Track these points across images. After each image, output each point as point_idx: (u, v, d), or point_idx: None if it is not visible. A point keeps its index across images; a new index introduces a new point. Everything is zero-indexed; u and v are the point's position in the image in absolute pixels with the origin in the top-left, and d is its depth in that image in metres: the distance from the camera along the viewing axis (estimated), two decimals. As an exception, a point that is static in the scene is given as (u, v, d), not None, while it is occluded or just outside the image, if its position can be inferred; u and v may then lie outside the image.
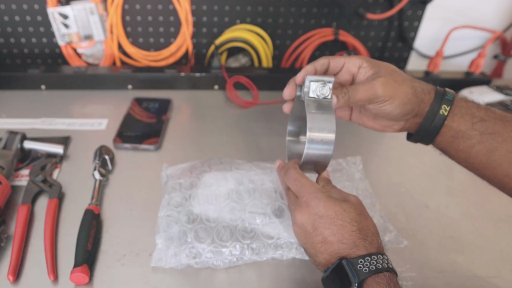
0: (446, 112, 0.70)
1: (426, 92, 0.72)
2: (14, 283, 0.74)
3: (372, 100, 0.70)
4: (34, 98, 1.31)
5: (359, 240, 0.61)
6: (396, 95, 0.69)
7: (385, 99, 0.69)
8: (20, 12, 1.38)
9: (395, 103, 0.69)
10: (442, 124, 0.70)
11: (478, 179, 0.77)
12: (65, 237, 0.83)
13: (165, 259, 0.77)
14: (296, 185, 0.69)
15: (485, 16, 1.49)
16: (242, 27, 1.46)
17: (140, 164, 1.05)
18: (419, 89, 0.71)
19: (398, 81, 0.70)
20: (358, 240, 0.61)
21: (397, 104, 0.69)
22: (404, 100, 0.69)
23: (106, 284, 0.75)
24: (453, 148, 0.72)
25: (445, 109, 0.70)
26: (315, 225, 0.64)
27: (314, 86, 0.70)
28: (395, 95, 0.69)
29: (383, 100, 0.69)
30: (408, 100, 0.69)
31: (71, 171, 1.02)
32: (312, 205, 0.65)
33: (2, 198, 0.87)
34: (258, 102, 1.31)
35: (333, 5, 1.43)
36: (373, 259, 0.59)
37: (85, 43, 1.43)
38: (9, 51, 1.46)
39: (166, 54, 1.48)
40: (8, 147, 0.99)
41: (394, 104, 0.69)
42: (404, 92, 0.69)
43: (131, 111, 1.24)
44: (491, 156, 0.68)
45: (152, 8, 1.41)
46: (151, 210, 0.89)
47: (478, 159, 0.69)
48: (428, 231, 0.85)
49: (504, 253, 0.83)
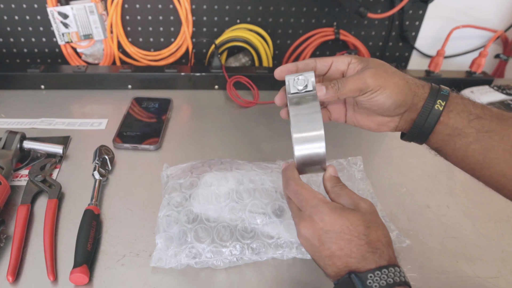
0: (441, 107, 0.68)
1: (420, 86, 0.71)
2: (13, 283, 0.74)
3: (362, 89, 0.68)
4: (34, 97, 1.31)
5: (368, 253, 0.60)
6: (386, 85, 0.67)
7: (375, 89, 0.67)
8: (19, 11, 1.38)
9: (386, 92, 0.67)
10: (437, 120, 0.69)
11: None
12: (64, 237, 0.83)
13: (165, 259, 0.77)
14: (297, 198, 0.67)
15: (486, 15, 1.49)
16: (243, 27, 1.46)
17: (140, 164, 1.05)
18: (412, 82, 0.70)
19: (388, 72, 0.69)
20: (367, 254, 0.60)
21: (388, 94, 0.67)
22: (396, 90, 0.68)
23: (105, 285, 0.75)
24: (449, 147, 0.70)
25: (440, 104, 0.68)
26: (322, 240, 0.62)
27: (293, 80, 0.69)
28: (386, 84, 0.67)
29: (373, 90, 0.67)
30: (399, 90, 0.68)
31: (71, 171, 1.02)
32: (316, 219, 0.63)
33: (2, 198, 0.87)
34: (258, 102, 1.31)
35: (334, 5, 1.43)
36: (383, 273, 0.57)
37: (85, 42, 1.43)
38: (8, 51, 1.46)
39: (166, 54, 1.48)
40: (8, 147, 0.99)
41: (386, 93, 0.67)
42: (395, 83, 0.68)
43: (131, 111, 1.24)
44: (487, 155, 0.67)
45: (152, 7, 1.41)
46: (151, 210, 0.90)
47: (474, 158, 0.68)
48: (429, 232, 0.85)
49: (506, 254, 0.83)
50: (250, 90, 1.36)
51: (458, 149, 0.69)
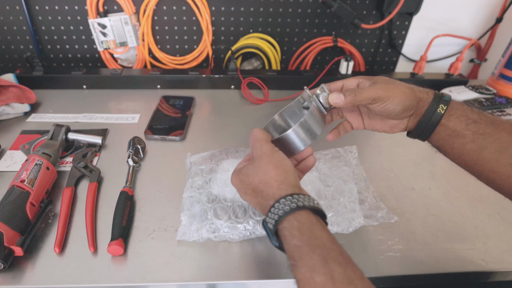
0: (443, 111, 0.70)
1: (424, 92, 0.72)
2: (59, 254, 0.74)
3: (375, 98, 0.70)
4: (77, 96, 1.30)
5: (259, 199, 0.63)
6: (395, 94, 0.69)
7: (385, 98, 0.69)
8: (65, 23, 1.38)
9: (395, 101, 0.69)
10: (438, 121, 0.70)
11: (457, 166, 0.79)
12: (103, 215, 0.83)
13: (188, 233, 0.77)
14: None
15: (462, 25, 1.47)
16: (255, 35, 1.45)
17: (167, 152, 1.04)
18: (416, 89, 0.72)
19: (395, 84, 0.71)
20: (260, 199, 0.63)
21: (397, 102, 0.69)
22: (403, 98, 0.69)
23: (138, 255, 0.75)
24: (448, 146, 0.71)
25: (442, 108, 0.70)
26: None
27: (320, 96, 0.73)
28: (394, 94, 0.69)
29: (384, 99, 0.69)
30: (406, 97, 0.69)
31: (109, 158, 1.01)
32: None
33: (50, 181, 0.87)
34: (268, 100, 1.30)
35: (333, 17, 1.41)
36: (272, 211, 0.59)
37: (120, 49, 1.42)
38: (55, 56, 1.45)
39: (190, 59, 1.47)
40: (55, 138, 0.99)
41: (395, 102, 0.69)
42: (402, 91, 0.69)
43: (160, 107, 1.23)
44: (481, 153, 0.67)
45: (177, 19, 1.39)
46: (176, 192, 0.89)
47: (469, 156, 0.69)
48: (414, 210, 0.84)
49: (479, 229, 0.83)
50: (261, 90, 1.35)
51: (456, 148, 0.70)
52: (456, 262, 0.75)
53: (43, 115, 1.18)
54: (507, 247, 0.79)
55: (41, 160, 0.87)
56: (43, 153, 0.91)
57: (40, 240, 0.77)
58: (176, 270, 0.73)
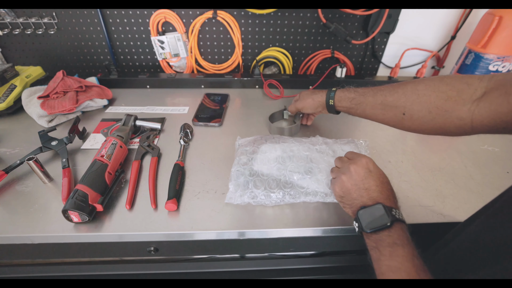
0: (332, 102, 0.86)
1: (320, 96, 0.90)
2: (129, 210, 0.74)
3: (299, 108, 0.96)
4: (142, 93, 1.28)
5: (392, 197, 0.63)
6: (306, 104, 0.94)
7: (303, 108, 0.95)
8: (133, 39, 1.35)
9: (307, 107, 0.94)
10: (334, 107, 0.86)
11: (423, 144, 0.96)
12: (162, 181, 0.81)
13: (234, 198, 0.75)
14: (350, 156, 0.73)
15: (426, 41, 1.41)
16: (273, 48, 1.40)
17: (209, 135, 1.01)
18: (316, 96, 0.91)
19: (306, 97, 0.94)
20: (391, 196, 0.63)
21: (308, 108, 0.94)
22: (310, 104, 0.93)
23: (188, 211, 0.74)
24: (352, 114, 0.83)
25: (331, 100, 0.86)
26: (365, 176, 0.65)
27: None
28: (306, 104, 0.94)
29: (303, 108, 0.95)
30: (311, 104, 0.92)
31: (166, 139, 0.98)
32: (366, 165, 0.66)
33: (123, 156, 0.86)
34: (283, 96, 1.26)
35: (330, 35, 1.37)
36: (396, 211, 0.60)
37: (174, 59, 1.38)
38: (126, 64, 1.43)
39: (225, 66, 1.43)
40: (126, 124, 0.97)
41: (307, 108, 0.94)
42: (308, 102, 0.93)
43: (203, 101, 1.19)
44: (365, 112, 0.78)
45: (216, 36, 1.35)
46: (216, 164, 0.87)
47: (363, 115, 0.79)
48: (390, 178, 0.77)
49: (438, 191, 0.81)
50: (278, 89, 1.30)
51: (354, 113, 0.82)
52: (421, 216, 0.75)
53: (118, 108, 1.16)
54: (459, 204, 0.77)
55: (116, 140, 0.86)
56: (117, 135, 0.90)
57: (115, 199, 0.76)
58: (215, 221, 0.72)
